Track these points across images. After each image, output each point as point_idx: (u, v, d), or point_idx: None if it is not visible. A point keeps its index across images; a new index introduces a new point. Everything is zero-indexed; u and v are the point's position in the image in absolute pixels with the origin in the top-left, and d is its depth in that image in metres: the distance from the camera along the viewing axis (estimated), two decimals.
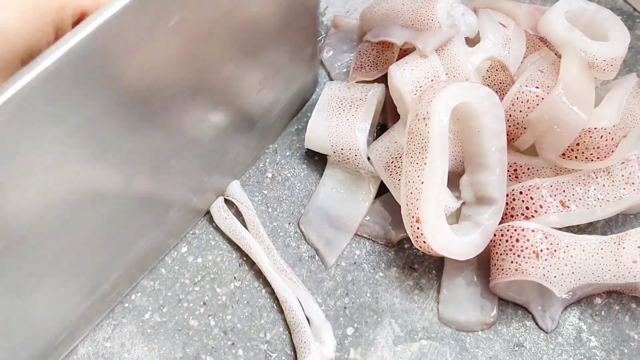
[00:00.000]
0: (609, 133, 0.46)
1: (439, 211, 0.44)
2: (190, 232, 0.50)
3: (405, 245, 0.51)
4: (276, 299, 0.48)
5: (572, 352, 0.48)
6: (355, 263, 0.50)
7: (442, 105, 0.44)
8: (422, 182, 0.44)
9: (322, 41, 0.58)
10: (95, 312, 0.45)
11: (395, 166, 0.48)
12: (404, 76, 0.48)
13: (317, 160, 0.53)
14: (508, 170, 0.48)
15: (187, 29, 0.34)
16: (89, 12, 0.36)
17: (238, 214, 0.51)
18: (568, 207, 0.47)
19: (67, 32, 0.36)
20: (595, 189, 0.48)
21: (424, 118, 0.44)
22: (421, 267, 0.50)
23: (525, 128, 0.48)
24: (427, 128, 0.44)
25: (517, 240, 0.46)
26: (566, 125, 0.46)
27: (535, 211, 0.47)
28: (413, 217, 0.44)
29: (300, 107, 0.56)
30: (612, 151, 0.46)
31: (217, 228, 0.50)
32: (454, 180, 0.49)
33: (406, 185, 0.45)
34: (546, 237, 0.46)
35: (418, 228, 0.44)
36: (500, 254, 0.46)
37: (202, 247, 0.50)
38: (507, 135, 0.47)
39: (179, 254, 0.49)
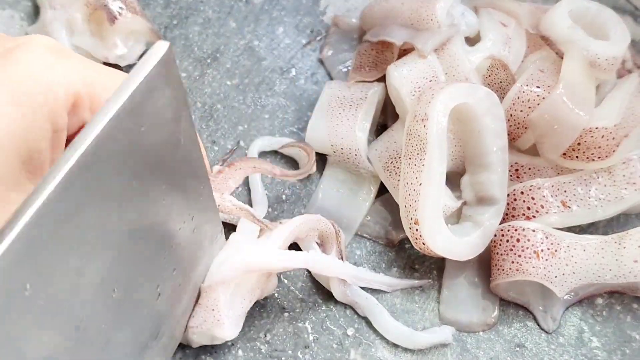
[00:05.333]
0: (610, 133, 0.46)
1: (437, 212, 0.44)
2: None
3: (406, 245, 0.51)
4: (276, 299, 0.48)
5: (574, 352, 0.48)
6: (355, 263, 0.50)
7: (441, 107, 0.44)
8: (420, 184, 0.44)
9: (323, 40, 0.58)
10: None
11: (394, 166, 0.48)
12: (403, 76, 0.48)
13: (317, 160, 0.53)
14: (509, 170, 0.48)
15: None
16: (81, 96, 0.34)
17: None
18: (569, 207, 0.47)
19: (63, 123, 0.33)
20: (596, 189, 0.47)
21: (422, 119, 0.44)
22: (422, 267, 0.50)
23: (526, 128, 0.48)
24: (425, 129, 0.44)
25: (518, 240, 0.46)
26: (567, 124, 0.46)
27: (537, 211, 0.47)
28: (412, 218, 0.44)
29: None
30: (614, 151, 0.46)
31: None
32: (454, 180, 0.49)
33: (404, 187, 0.45)
34: (547, 237, 0.46)
35: (417, 230, 0.44)
36: (501, 254, 0.46)
37: None
38: (508, 134, 0.47)
39: None
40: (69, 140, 0.35)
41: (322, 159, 0.52)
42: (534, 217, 0.47)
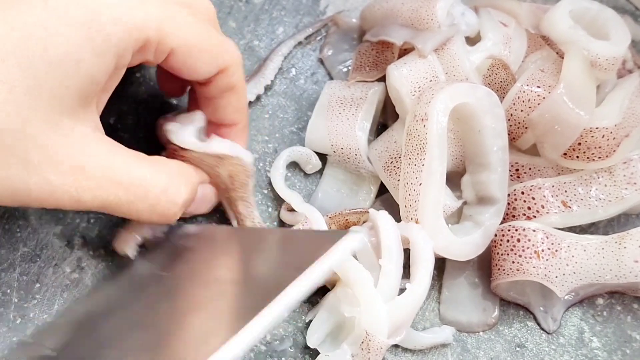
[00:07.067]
0: (611, 133, 0.46)
1: (437, 212, 0.44)
2: None
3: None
4: None
5: (574, 352, 0.47)
6: None
7: (441, 107, 0.44)
8: (420, 184, 0.44)
9: (323, 40, 0.58)
10: None
11: (394, 166, 0.48)
12: (403, 76, 0.47)
13: None
14: (510, 170, 0.48)
15: None
16: (150, 41, 0.35)
17: None
18: (570, 207, 0.47)
19: (126, 62, 0.35)
20: (597, 189, 0.47)
21: (422, 119, 0.44)
22: None
23: (526, 127, 0.48)
24: (425, 129, 0.43)
25: (518, 240, 0.46)
26: (567, 124, 0.46)
27: (537, 211, 0.47)
28: (412, 219, 0.44)
29: None
30: (614, 151, 0.46)
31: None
32: (455, 179, 0.49)
33: (404, 187, 0.45)
34: (547, 237, 0.46)
35: None
36: (502, 254, 0.46)
37: None
38: (508, 134, 0.47)
39: None
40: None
41: (322, 159, 0.52)
42: (535, 217, 0.47)
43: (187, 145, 0.43)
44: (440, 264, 0.49)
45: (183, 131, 0.44)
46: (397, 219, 0.46)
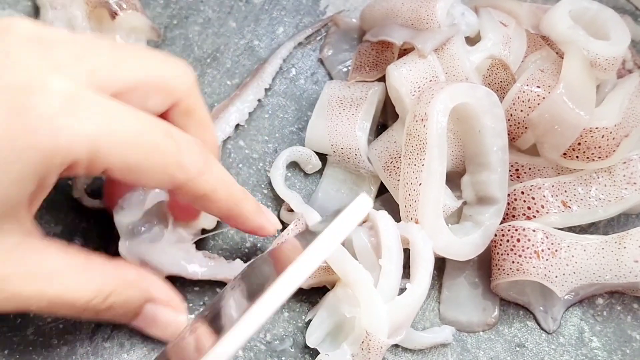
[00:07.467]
0: (610, 132, 0.46)
1: (437, 212, 0.44)
2: None
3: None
4: None
5: (574, 352, 0.48)
6: None
7: (440, 107, 0.44)
8: (420, 184, 0.44)
9: (323, 40, 0.58)
10: None
11: (394, 166, 0.48)
12: (402, 76, 0.48)
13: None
14: (509, 170, 0.48)
15: None
16: (79, 163, 0.32)
17: None
18: (570, 207, 0.47)
19: (51, 182, 0.33)
20: (597, 189, 0.47)
21: (422, 119, 0.44)
22: None
23: (526, 127, 0.48)
24: (425, 129, 0.44)
25: (518, 240, 0.46)
26: (567, 124, 0.46)
27: (537, 211, 0.47)
28: (412, 218, 0.44)
29: None
30: (614, 151, 0.46)
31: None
32: (455, 179, 0.49)
33: (404, 187, 0.45)
34: (547, 237, 0.46)
35: None
36: (502, 254, 0.46)
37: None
38: (508, 134, 0.47)
39: None
40: None
41: (322, 159, 0.52)
42: (535, 217, 0.47)
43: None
44: (440, 263, 0.50)
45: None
46: (397, 219, 0.46)
